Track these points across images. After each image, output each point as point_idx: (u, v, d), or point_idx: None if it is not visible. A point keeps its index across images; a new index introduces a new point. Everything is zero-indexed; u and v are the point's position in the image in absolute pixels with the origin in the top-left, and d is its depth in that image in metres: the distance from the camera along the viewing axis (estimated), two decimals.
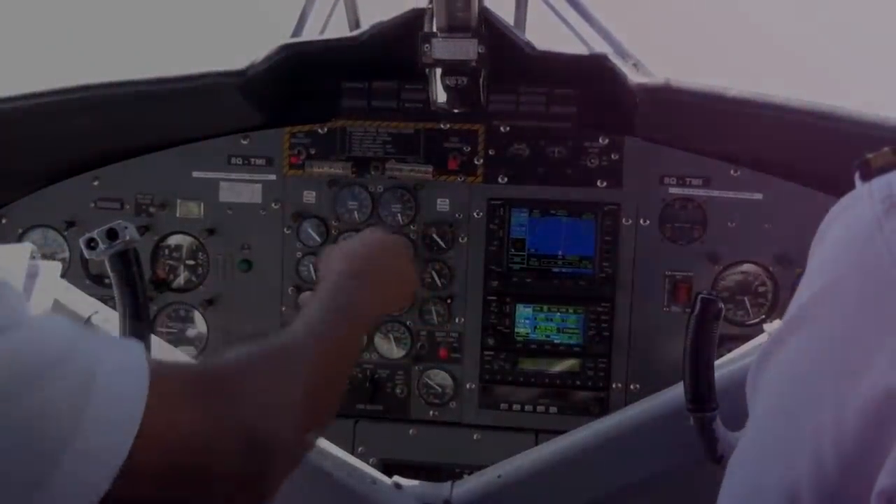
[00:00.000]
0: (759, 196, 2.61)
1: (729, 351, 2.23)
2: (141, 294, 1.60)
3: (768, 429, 0.73)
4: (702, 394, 1.71)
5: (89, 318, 1.78)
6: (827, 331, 0.69)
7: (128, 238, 1.55)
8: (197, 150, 2.80)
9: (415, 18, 2.48)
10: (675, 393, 1.95)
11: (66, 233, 2.84)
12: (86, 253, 1.55)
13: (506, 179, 2.72)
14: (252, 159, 2.79)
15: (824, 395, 0.65)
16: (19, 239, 2.84)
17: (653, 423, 2.02)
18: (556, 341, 2.73)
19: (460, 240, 2.74)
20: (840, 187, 2.65)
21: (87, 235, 1.54)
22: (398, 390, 2.81)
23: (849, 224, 0.73)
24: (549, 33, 3.41)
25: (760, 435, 0.74)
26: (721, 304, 1.67)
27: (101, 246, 1.54)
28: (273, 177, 2.79)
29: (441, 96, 2.64)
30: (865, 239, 0.69)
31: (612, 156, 2.67)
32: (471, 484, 2.10)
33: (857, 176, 0.76)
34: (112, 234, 1.54)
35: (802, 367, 0.70)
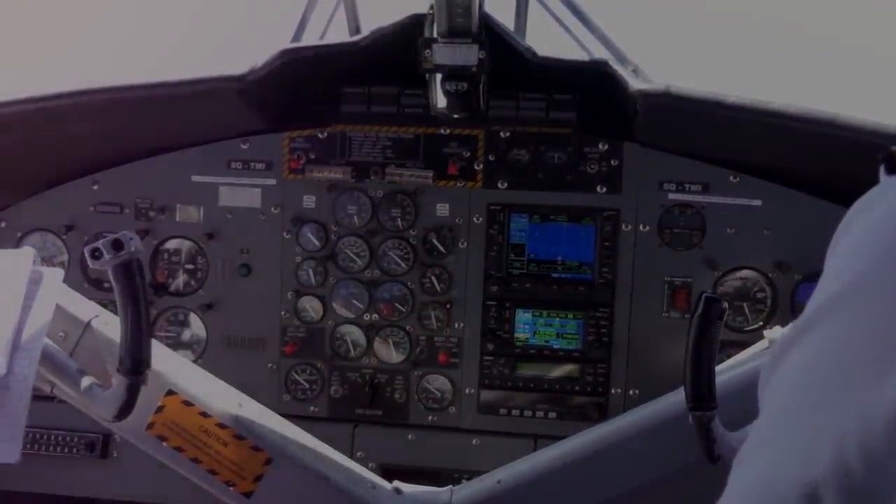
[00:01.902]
0: (758, 202, 2.62)
1: (728, 357, 2.23)
2: (143, 303, 1.60)
3: (786, 425, 0.70)
4: (702, 393, 1.71)
5: (89, 321, 1.77)
6: (855, 325, 0.66)
7: (132, 249, 1.56)
8: (196, 154, 2.80)
9: (415, 24, 2.49)
10: (674, 398, 1.95)
11: (64, 236, 2.84)
12: (90, 262, 1.55)
13: (505, 185, 2.72)
14: (252, 164, 2.79)
15: (850, 392, 0.63)
16: (18, 243, 2.84)
17: (652, 428, 2.02)
18: (555, 346, 2.73)
19: (460, 245, 2.75)
20: (840, 194, 2.65)
21: (92, 245, 1.54)
22: (397, 395, 2.80)
23: (877, 219, 0.71)
24: (548, 39, 3.42)
25: (777, 430, 0.72)
26: (725, 304, 1.67)
27: (106, 256, 1.54)
28: (273, 181, 2.79)
29: (441, 101, 2.64)
30: (894, 233, 0.67)
31: (612, 161, 2.68)
32: (470, 489, 2.10)
33: (882, 169, 0.74)
34: (117, 245, 1.54)
35: (827, 362, 0.68)
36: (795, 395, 0.70)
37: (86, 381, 1.68)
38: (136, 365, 1.63)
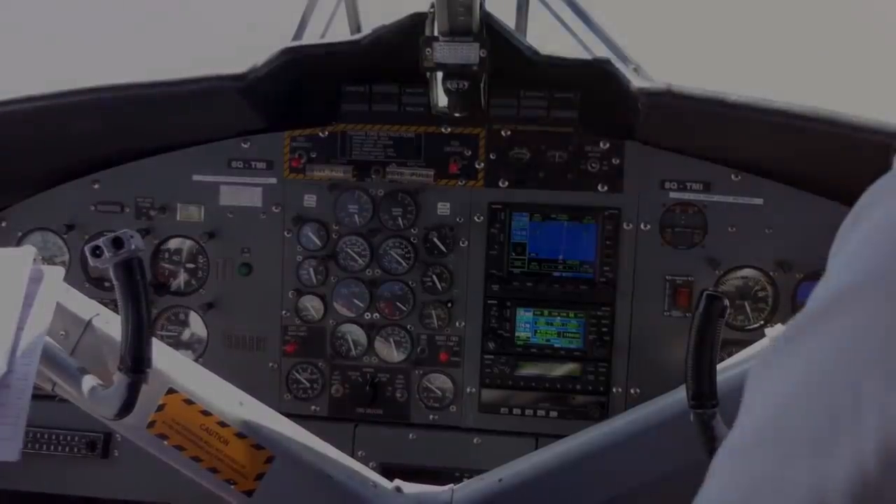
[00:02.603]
0: (759, 201, 2.62)
1: (729, 355, 2.23)
2: (144, 303, 1.60)
3: (793, 419, 0.67)
4: (703, 391, 1.71)
5: (90, 320, 1.77)
6: (871, 320, 0.63)
7: (133, 247, 1.55)
8: (197, 153, 2.80)
9: (416, 22, 2.49)
10: (676, 397, 1.95)
11: (65, 236, 2.83)
12: (91, 261, 1.55)
13: (507, 183, 2.72)
14: (252, 163, 2.79)
15: (870, 392, 0.60)
16: (18, 242, 2.84)
17: (653, 426, 2.02)
18: (556, 345, 2.73)
19: (461, 244, 2.74)
20: (842, 192, 2.63)
21: (93, 244, 1.54)
22: (398, 394, 2.80)
23: (891, 210, 0.68)
24: (549, 38, 3.42)
25: (779, 429, 0.68)
26: (726, 302, 1.67)
27: (107, 254, 1.54)
28: (273, 180, 2.79)
29: (442, 100, 2.65)
30: None
31: (613, 160, 2.68)
32: (472, 488, 2.10)
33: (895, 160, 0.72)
34: (118, 243, 1.54)
35: (842, 359, 0.65)
36: (804, 392, 0.67)
37: (87, 380, 1.68)
38: (137, 363, 1.63)
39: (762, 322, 2.65)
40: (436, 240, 2.73)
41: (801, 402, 0.67)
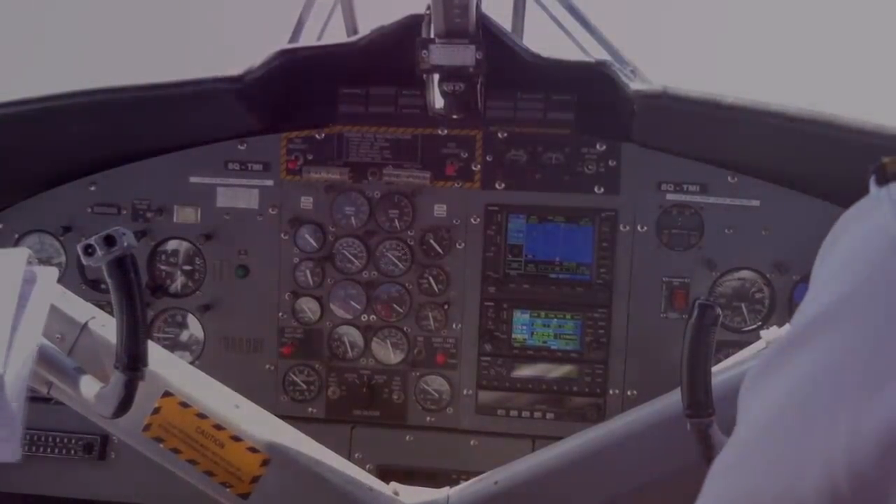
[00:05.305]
0: (756, 203, 2.62)
1: (726, 357, 2.23)
2: (139, 300, 1.59)
3: (773, 441, 0.69)
4: (699, 400, 1.70)
5: (86, 323, 1.77)
6: (844, 344, 0.66)
7: (125, 245, 1.54)
8: (194, 155, 2.80)
9: (413, 24, 2.49)
10: (673, 399, 1.95)
11: (62, 238, 2.83)
12: (83, 259, 1.54)
13: (503, 185, 2.72)
14: (249, 165, 2.79)
15: (839, 411, 0.62)
16: (16, 244, 2.83)
17: (650, 428, 2.02)
18: (553, 347, 2.73)
19: (457, 246, 2.74)
20: (839, 194, 2.63)
21: (85, 242, 1.54)
22: (395, 396, 2.80)
23: (866, 231, 0.70)
24: (546, 39, 3.42)
25: (762, 446, 0.71)
26: (719, 311, 1.67)
27: (99, 252, 1.53)
28: (270, 182, 2.79)
29: (439, 102, 2.64)
30: (886, 247, 0.66)
31: (610, 162, 2.68)
32: (468, 490, 2.10)
33: (872, 181, 0.73)
34: (110, 241, 1.53)
35: (816, 380, 0.67)
36: (783, 412, 0.69)
37: (84, 379, 1.67)
38: (132, 360, 1.61)
39: (759, 323, 2.65)
40: (432, 241, 2.73)
41: (777, 423, 0.70)
